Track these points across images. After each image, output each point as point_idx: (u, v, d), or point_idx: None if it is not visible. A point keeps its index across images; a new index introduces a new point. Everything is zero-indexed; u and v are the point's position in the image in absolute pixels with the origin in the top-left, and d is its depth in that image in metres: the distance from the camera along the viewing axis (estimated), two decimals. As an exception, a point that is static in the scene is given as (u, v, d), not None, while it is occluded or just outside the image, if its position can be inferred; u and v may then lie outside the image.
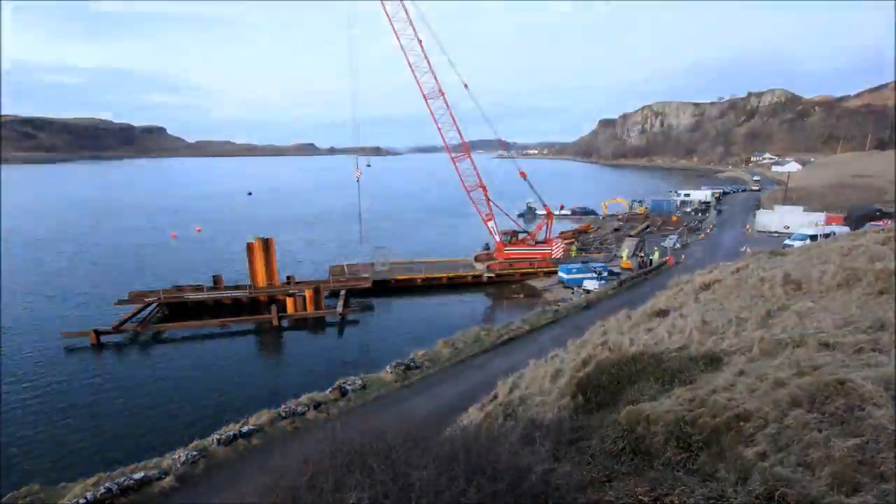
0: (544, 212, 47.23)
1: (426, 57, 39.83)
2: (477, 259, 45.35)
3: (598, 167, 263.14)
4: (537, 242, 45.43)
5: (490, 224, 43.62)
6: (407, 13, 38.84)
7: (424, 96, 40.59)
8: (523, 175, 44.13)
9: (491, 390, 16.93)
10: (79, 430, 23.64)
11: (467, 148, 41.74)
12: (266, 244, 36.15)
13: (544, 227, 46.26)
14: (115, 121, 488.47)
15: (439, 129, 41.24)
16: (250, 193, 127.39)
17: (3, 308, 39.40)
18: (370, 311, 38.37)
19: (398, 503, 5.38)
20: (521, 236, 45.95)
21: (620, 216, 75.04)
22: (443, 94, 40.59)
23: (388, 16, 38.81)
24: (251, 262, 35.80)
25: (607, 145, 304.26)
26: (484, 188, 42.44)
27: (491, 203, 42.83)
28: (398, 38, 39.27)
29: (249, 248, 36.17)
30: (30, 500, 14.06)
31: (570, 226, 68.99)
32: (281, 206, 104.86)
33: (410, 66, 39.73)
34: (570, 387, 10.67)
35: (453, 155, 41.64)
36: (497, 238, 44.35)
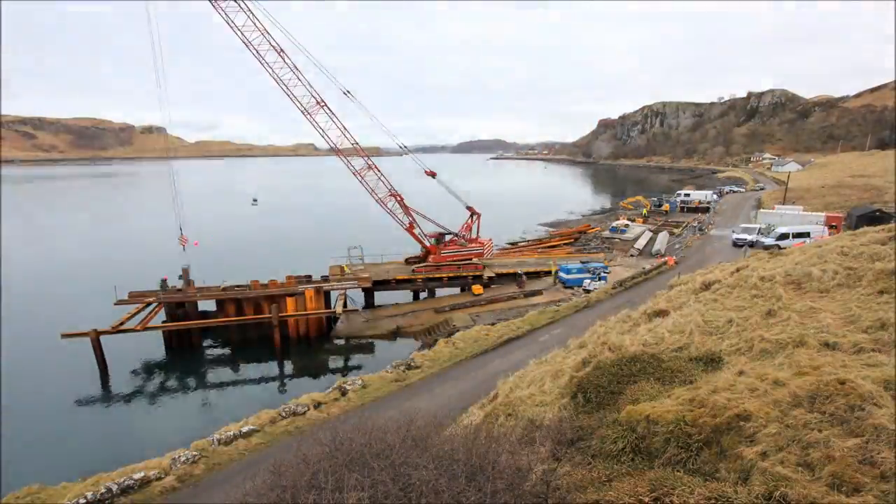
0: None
1: (294, 67, 35.41)
2: (407, 262, 44.25)
3: (582, 169, 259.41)
4: (469, 242, 44.05)
5: (416, 231, 41.97)
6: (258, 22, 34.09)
7: (304, 111, 36.62)
8: (431, 174, 42.47)
9: (490, 389, 16.95)
10: (79, 429, 23.66)
11: (358, 153, 38.58)
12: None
13: (473, 228, 44.83)
14: (115, 120, 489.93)
15: (333, 143, 38.03)
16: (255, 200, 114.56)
17: (3, 308, 39.42)
18: (370, 310, 38.40)
19: (398, 503, 5.38)
20: (447, 238, 44.24)
21: (626, 217, 75.07)
22: (323, 104, 36.92)
23: (234, 28, 33.81)
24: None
25: (607, 146, 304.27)
26: (397, 196, 40.25)
27: (411, 210, 40.91)
28: (256, 53, 34.36)
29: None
30: (30, 500, 14.06)
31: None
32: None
33: (277, 81, 35.51)
34: (570, 387, 10.67)
35: (354, 168, 38.54)
36: (426, 242, 42.73)
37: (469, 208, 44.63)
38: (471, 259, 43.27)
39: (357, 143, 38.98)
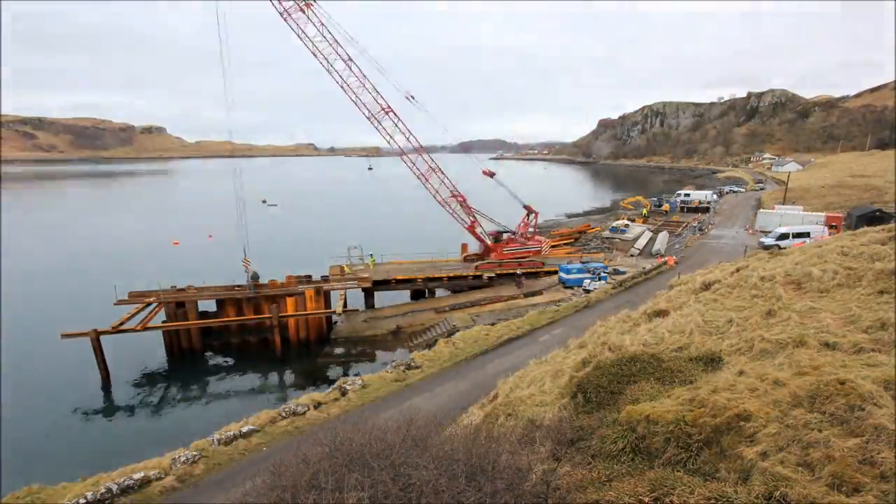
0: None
1: (362, 76, 36.55)
2: (466, 259, 45.30)
3: (576, 169, 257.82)
4: (528, 240, 45.30)
5: (478, 230, 43.20)
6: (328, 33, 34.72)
7: (371, 116, 37.60)
8: (489, 174, 44.10)
9: (490, 389, 16.95)
10: (79, 429, 23.68)
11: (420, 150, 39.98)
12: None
13: (529, 226, 46.09)
14: (115, 120, 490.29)
15: (401, 150, 39.26)
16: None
17: (3, 309, 39.41)
18: (370, 311, 38.41)
19: (398, 503, 5.38)
20: (505, 236, 45.35)
21: (626, 217, 74.94)
22: (389, 111, 37.79)
23: (305, 39, 34.57)
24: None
25: (607, 146, 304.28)
26: (459, 196, 41.26)
27: (472, 209, 42.10)
28: (326, 63, 35.13)
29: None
30: (30, 500, 14.05)
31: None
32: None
33: (344, 88, 36.47)
34: (570, 387, 10.67)
35: (419, 172, 40.03)
36: (488, 241, 44.03)
37: (527, 207, 45.67)
38: (529, 256, 44.44)
39: (422, 147, 40.12)
